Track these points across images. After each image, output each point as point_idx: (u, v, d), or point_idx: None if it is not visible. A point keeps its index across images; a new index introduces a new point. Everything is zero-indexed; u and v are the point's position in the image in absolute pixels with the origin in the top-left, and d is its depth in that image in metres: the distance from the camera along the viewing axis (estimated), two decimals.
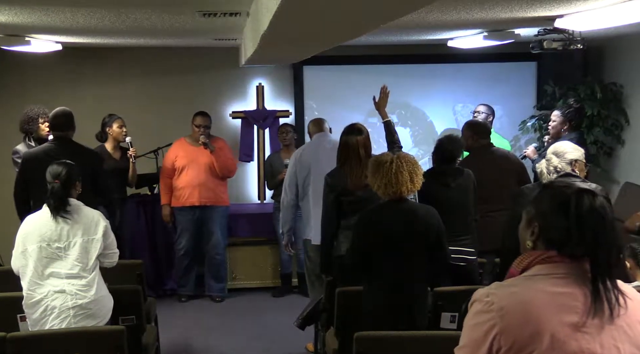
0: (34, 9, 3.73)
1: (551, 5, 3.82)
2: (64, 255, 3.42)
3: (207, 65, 6.99)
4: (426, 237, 3.33)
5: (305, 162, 4.90)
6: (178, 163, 5.98)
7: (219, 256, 6.17)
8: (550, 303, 1.57)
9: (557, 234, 1.62)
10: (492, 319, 1.57)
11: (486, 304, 1.60)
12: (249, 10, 3.75)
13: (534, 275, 1.63)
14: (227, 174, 6.13)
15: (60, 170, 3.49)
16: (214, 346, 5.19)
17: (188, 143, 6.06)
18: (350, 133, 4.14)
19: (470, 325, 1.62)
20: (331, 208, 4.08)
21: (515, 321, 1.56)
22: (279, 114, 6.99)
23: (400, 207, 3.34)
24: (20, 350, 3.08)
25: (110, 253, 3.59)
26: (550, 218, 1.64)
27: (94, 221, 3.51)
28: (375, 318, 3.31)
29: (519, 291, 1.60)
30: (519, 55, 6.76)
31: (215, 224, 6.09)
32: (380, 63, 7.07)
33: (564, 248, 1.61)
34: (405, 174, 3.27)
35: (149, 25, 4.50)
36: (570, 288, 1.59)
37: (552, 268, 1.62)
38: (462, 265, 4.07)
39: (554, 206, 1.64)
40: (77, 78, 6.86)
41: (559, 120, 5.47)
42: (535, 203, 1.70)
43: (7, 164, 5.77)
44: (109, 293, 3.58)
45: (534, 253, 1.66)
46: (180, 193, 5.99)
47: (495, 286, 1.65)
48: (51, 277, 3.41)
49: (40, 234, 3.43)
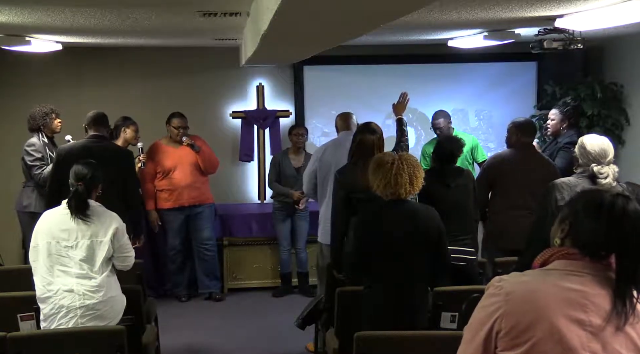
0: (34, 9, 3.73)
1: (551, 5, 3.82)
2: (71, 254, 3.44)
3: (207, 65, 6.99)
4: (426, 237, 3.33)
5: (327, 161, 4.81)
6: (163, 166, 5.98)
7: (209, 252, 6.18)
8: (558, 296, 1.59)
9: (585, 234, 1.64)
10: (498, 302, 1.62)
11: (496, 288, 1.65)
12: (249, 10, 3.75)
13: (551, 269, 1.66)
14: (212, 170, 6.20)
15: (86, 172, 3.52)
16: (214, 346, 5.19)
17: (167, 145, 6.06)
18: (365, 132, 4.14)
19: (479, 307, 1.69)
20: (341, 205, 4.05)
21: (518, 306, 1.60)
22: (279, 114, 6.99)
23: (400, 207, 3.34)
24: (20, 350, 3.07)
25: (122, 257, 3.58)
26: (582, 218, 1.66)
27: (106, 223, 3.52)
28: (375, 318, 3.30)
29: (530, 280, 1.65)
30: (519, 55, 6.76)
31: (204, 222, 6.13)
32: (380, 63, 7.06)
33: (589, 248, 1.62)
34: (405, 176, 3.26)
35: (149, 25, 4.50)
36: (585, 287, 1.59)
37: (570, 265, 1.64)
38: (462, 264, 4.07)
39: (587, 206, 1.66)
40: (77, 78, 6.85)
41: (557, 119, 5.48)
42: (571, 203, 1.73)
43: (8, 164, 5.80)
44: (121, 294, 3.59)
45: (556, 249, 1.69)
46: (169, 196, 6.00)
47: (511, 274, 1.70)
48: (61, 275, 3.42)
49: (51, 231, 3.46)
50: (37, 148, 5.22)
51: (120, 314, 3.55)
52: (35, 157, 5.21)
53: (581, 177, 3.58)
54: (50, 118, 5.35)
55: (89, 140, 4.82)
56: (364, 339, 2.98)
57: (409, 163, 3.31)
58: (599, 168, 3.51)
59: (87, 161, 3.64)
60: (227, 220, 6.42)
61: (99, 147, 4.76)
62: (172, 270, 6.24)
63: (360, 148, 4.10)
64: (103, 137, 4.88)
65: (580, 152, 3.59)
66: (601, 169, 3.51)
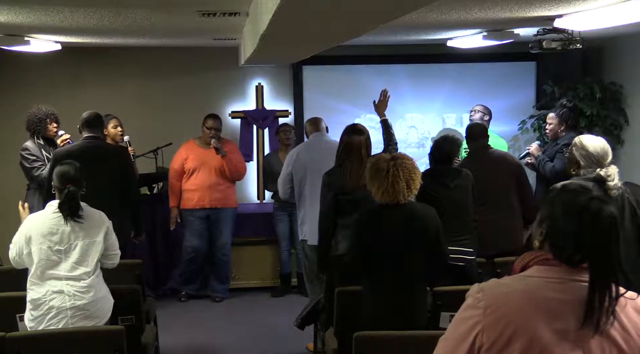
0: (33, 9, 3.73)
1: (550, 5, 3.83)
2: (64, 257, 3.41)
3: (207, 65, 6.99)
4: (425, 237, 3.33)
5: (301, 162, 4.88)
6: (188, 166, 5.98)
7: (225, 257, 6.18)
8: (539, 308, 1.56)
9: (561, 238, 1.61)
10: (477, 316, 1.58)
11: (475, 299, 1.61)
12: (248, 10, 3.75)
13: (530, 275, 1.62)
14: (237, 177, 6.18)
15: (73, 173, 3.44)
16: (214, 346, 5.18)
17: (197, 145, 6.06)
18: (352, 133, 4.14)
19: (457, 318, 1.64)
20: (328, 207, 4.07)
21: (498, 320, 1.56)
22: (278, 114, 7.00)
23: (399, 209, 3.33)
24: (19, 350, 3.07)
25: (111, 255, 3.57)
26: (558, 221, 1.63)
27: (97, 223, 3.50)
28: (375, 318, 3.30)
29: (510, 290, 1.60)
30: (518, 55, 6.76)
31: (224, 225, 6.11)
32: (380, 63, 7.07)
33: (565, 253, 1.60)
34: (401, 183, 3.26)
35: (148, 25, 4.50)
36: (565, 294, 1.57)
37: (549, 272, 1.61)
38: (461, 264, 4.07)
39: (563, 209, 1.63)
40: (76, 78, 6.85)
41: (554, 122, 5.49)
42: (549, 204, 1.69)
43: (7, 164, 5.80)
44: (108, 293, 3.57)
45: (535, 253, 1.66)
46: (191, 196, 6.00)
47: (490, 283, 1.65)
48: (51, 278, 3.39)
49: (43, 236, 3.40)
50: (32, 152, 5.21)
51: (109, 313, 3.52)
52: (31, 159, 5.21)
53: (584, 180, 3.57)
54: (45, 124, 5.27)
55: (85, 141, 4.79)
56: (364, 340, 2.98)
57: (404, 167, 3.28)
58: (605, 171, 3.50)
59: (68, 161, 3.57)
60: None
61: (96, 147, 4.74)
62: (185, 270, 6.19)
63: (348, 149, 4.11)
64: (98, 137, 4.85)
65: (582, 154, 3.57)
66: (607, 171, 3.50)
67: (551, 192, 1.73)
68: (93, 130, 4.80)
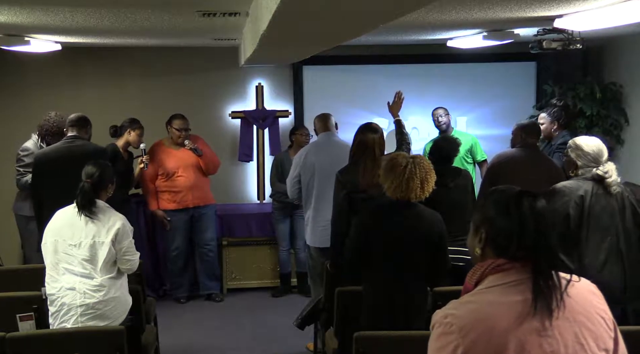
0: (33, 9, 3.73)
1: (550, 5, 3.83)
2: (75, 252, 3.46)
3: (207, 65, 6.99)
4: (428, 240, 3.32)
5: (310, 164, 4.83)
6: (165, 168, 5.97)
7: (212, 253, 6.22)
8: (510, 314, 1.56)
9: (502, 238, 1.63)
10: (454, 340, 1.55)
11: (446, 326, 1.58)
12: (249, 10, 3.75)
13: (488, 287, 1.62)
14: (214, 171, 6.23)
15: (94, 171, 3.57)
16: (214, 346, 5.19)
17: (168, 146, 6.05)
18: (366, 132, 4.13)
19: (434, 349, 1.60)
20: (342, 205, 4.04)
21: (478, 338, 1.54)
22: (278, 114, 7.00)
23: (407, 209, 3.32)
24: (19, 350, 3.08)
25: (124, 259, 3.56)
26: (495, 222, 1.65)
27: (109, 224, 3.52)
28: (375, 318, 3.30)
29: (477, 308, 1.59)
30: (518, 55, 6.77)
31: (209, 222, 6.17)
32: (380, 63, 7.07)
33: (509, 252, 1.62)
34: (416, 181, 3.24)
35: (148, 25, 4.50)
36: (526, 294, 1.58)
37: (504, 277, 1.61)
38: (461, 265, 4.07)
39: (497, 209, 1.66)
40: (77, 79, 6.85)
41: (546, 122, 5.49)
42: (481, 209, 1.71)
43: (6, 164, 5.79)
44: (126, 295, 3.60)
45: (484, 264, 1.66)
46: (173, 197, 6.01)
47: (452, 305, 1.63)
48: (66, 273, 3.45)
49: (58, 228, 3.50)
50: (29, 154, 5.18)
51: (124, 315, 3.55)
52: (23, 162, 5.20)
53: (582, 180, 3.58)
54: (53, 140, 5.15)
55: (64, 141, 4.78)
56: (364, 339, 2.99)
57: (421, 167, 3.27)
58: (602, 168, 3.51)
59: (97, 161, 3.68)
60: (227, 220, 6.42)
61: (75, 147, 4.69)
62: (173, 271, 6.22)
63: (362, 147, 4.10)
64: (78, 137, 4.77)
65: (578, 154, 3.59)
66: (604, 169, 3.51)
67: (479, 200, 1.77)
68: (77, 130, 4.78)
